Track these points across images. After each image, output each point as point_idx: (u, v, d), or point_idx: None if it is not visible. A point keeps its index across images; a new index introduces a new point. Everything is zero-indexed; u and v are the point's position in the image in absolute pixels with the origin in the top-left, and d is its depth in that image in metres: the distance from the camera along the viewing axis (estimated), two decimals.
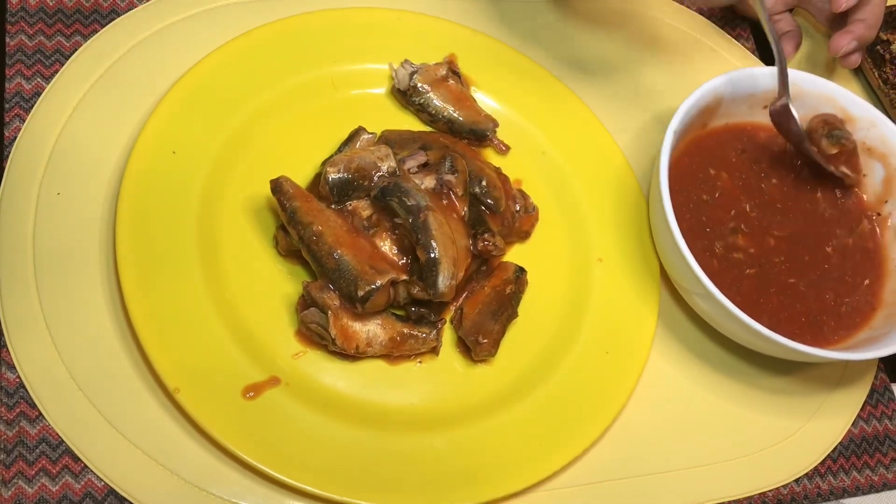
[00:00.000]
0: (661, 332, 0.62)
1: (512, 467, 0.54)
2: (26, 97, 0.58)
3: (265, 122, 0.60)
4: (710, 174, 0.64)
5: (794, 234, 0.64)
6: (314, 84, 0.63)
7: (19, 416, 0.50)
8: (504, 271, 0.58)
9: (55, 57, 0.60)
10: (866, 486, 0.62)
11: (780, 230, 0.64)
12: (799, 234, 0.64)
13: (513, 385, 0.57)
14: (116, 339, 0.53)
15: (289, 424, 0.52)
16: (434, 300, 0.53)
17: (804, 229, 0.64)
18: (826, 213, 0.66)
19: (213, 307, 0.54)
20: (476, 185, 0.59)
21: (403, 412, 0.55)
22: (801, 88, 0.65)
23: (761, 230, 0.63)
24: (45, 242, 0.54)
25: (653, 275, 0.62)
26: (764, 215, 0.64)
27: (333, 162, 0.56)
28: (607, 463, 0.57)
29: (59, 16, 0.61)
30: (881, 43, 0.77)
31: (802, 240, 0.64)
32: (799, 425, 0.62)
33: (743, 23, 0.78)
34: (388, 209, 0.55)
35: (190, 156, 0.57)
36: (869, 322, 0.62)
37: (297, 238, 0.54)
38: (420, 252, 0.53)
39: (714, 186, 0.64)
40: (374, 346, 0.54)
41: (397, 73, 0.63)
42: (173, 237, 0.55)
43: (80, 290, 0.54)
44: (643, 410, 0.59)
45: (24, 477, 0.49)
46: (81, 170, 0.57)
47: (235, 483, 0.51)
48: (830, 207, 0.66)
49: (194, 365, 0.51)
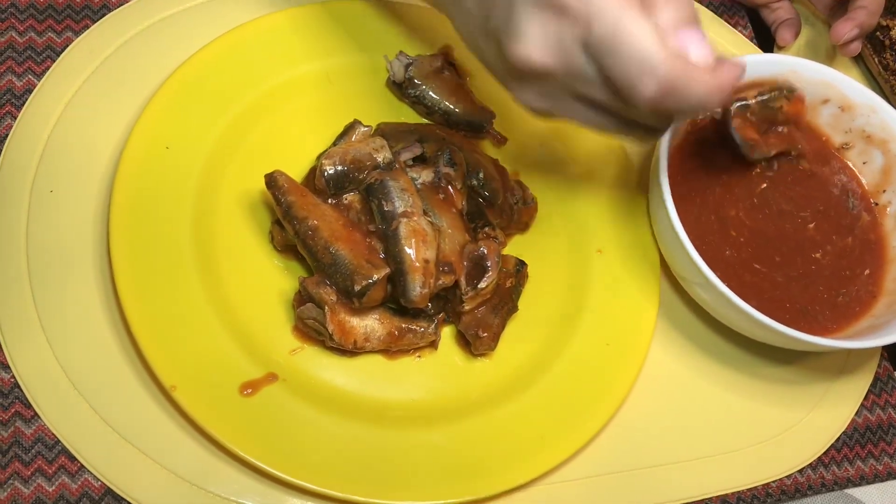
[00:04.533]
0: (662, 323, 0.62)
1: (513, 461, 0.53)
2: (17, 94, 0.57)
3: (260, 117, 0.60)
4: (711, 164, 0.64)
5: (789, 232, 0.63)
6: (309, 78, 0.62)
7: (14, 416, 0.50)
8: (504, 265, 0.58)
9: (46, 53, 0.59)
10: (871, 476, 0.62)
11: (776, 227, 0.63)
12: (797, 233, 0.63)
13: (513, 378, 0.57)
14: (112, 337, 0.52)
15: (287, 421, 0.51)
16: (409, 307, 0.53)
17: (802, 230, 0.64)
18: (825, 209, 0.65)
19: (209, 304, 0.53)
20: (474, 178, 0.59)
21: (402, 407, 0.55)
22: (801, 75, 0.65)
23: (756, 228, 0.63)
24: (38, 240, 0.54)
25: (653, 265, 0.62)
26: (759, 215, 0.63)
27: (329, 154, 0.55)
28: (609, 455, 0.57)
29: (50, 11, 0.61)
30: (881, 29, 0.77)
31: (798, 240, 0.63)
32: (802, 415, 0.62)
33: (740, 10, 0.78)
34: (371, 210, 0.55)
35: (184, 151, 0.57)
36: (870, 310, 0.62)
37: (292, 233, 0.54)
38: (389, 261, 0.53)
39: (715, 177, 0.64)
40: (372, 341, 0.54)
41: (392, 65, 0.63)
42: (168, 233, 0.54)
43: (75, 288, 0.53)
44: (644, 402, 0.59)
45: (21, 477, 0.49)
46: (74, 167, 0.56)
47: (234, 481, 0.51)
48: (830, 203, 0.65)
49: (191, 362, 0.51)
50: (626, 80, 0.42)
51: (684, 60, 0.42)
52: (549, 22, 0.42)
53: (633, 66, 0.41)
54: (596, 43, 0.42)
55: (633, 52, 0.41)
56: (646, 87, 0.41)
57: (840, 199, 0.66)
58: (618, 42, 0.41)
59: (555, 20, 0.42)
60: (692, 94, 0.42)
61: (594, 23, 0.41)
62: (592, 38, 0.42)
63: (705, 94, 0.42)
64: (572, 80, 0.44)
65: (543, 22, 0.43)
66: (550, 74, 0.44)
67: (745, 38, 0.76)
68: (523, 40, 0.43)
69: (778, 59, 0.65)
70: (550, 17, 0.42)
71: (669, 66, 0.41)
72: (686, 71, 0.41)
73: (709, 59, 0.43)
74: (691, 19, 0.43)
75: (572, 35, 0.42)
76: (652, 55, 0.41)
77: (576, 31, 0.42)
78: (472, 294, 0.55)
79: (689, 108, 0.43)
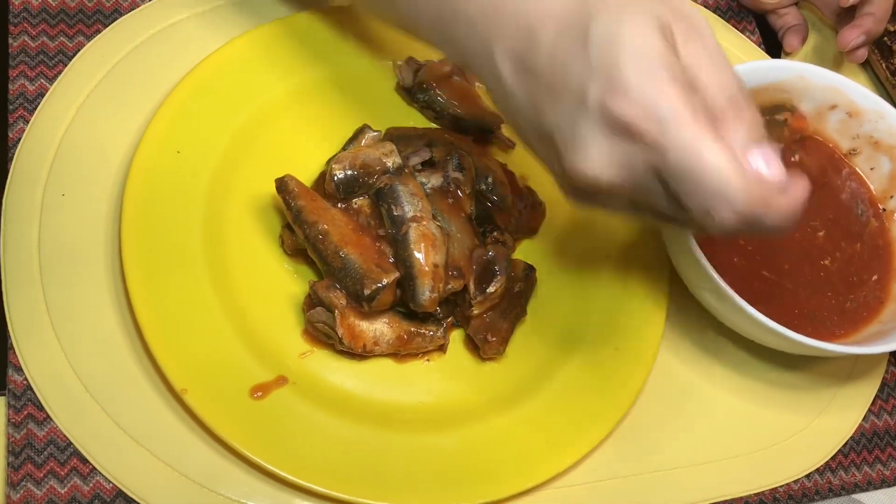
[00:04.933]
0: (670, 328, 0.62)
1: (521, 465, 0.54)
2: (30, 98, 0.58)
3: (270, 121, 0.60)
4: None
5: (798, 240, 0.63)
6: (318, 82, 0.62)
7: (27, 418, 0.50)
8: (513, 269, 0.58)
9: (58, 58, 0.59)
10: (878, 482, 0.62)
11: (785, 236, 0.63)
12: (806, 240, 0.64)
13: (521, 382, 0.57)
14: (123, 341, 0.53)
15: (297, 424, 0.52)
16: (418, 311, 0.53)
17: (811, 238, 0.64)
18: (834, 217, 0.65)
19: (220, 307, 0.53)
20: (482, 182, 0.59)
21: (411, 410, 0.55)
22: (808, 81, 0.65)
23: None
24: (50, 244, 0.54)
25: (661, 270, 0.62)
26: None
27: (339, 159, 0.56)
28: (616, 460, 0.57)
29: (62, 16, 0.61)
30: (888, 34, 0.77)
31: (807, 248, 0.63)
32: (809, 420, 0.62)
33: (748, 16, 0.78)
34: (380, 215, 0.55)
35: (195, 155, 0.57)
36: (878, 316, 0.62)
37: (302, 237, 0.54)
38: (398, 265, 0.53)
39: None
40: (382, 345, 0.54)
41: (401, 70, 0.63)
42: (179, 237, 0.54)
43: (87, 291, 0.53)
44: (652, 407, 0.59)
45: (33, 479, 0.49)
46: (86, 170, 0.56)
47: (244, 483, 0.51)
48: (840, 210, 0.66)
49: (201, 366, 0.51)
50: (701, 208, 0.40)
51: (761, 185, 0.40)
52: (619, 144, 0.40)
53: (711, 196, 0.39)
54: (670, 170, 0.39)
55: (710, 182, 0.39)
56: (723, 216, 0.40)
57: (849, 206, 0.66)
58: (695, 172, 0.39)
59: (626, 144, 0.40)
60: (770, 221, 0.40)
61: (669, 151, 0.39)
62: (667, 165, 0.39)
63: (782, 220, 0.41)
64: (635, 194, 0.43)
65: (613, 143, 0.40)
66: (614, 190, 0.42)
67: (753, 43, 0.76)
68: (589, 159, 0.41)
69: (785, 65, 0.65)
70: (622, 139, 0.40)
71: (748, 195, 0.39)
72: (764, 198, 0.39)
73: (782, 177, 0.41)
74: (761, 135, 0.41)
75: (644, 159, 0.40)
76: (731, 185, 0.39)
77: (648, 156, 0.40)
78: (481, 298, 0.55)
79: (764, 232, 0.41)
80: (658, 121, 0.39)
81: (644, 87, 0.39)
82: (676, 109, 0.39)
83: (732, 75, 0.41)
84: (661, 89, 0.39)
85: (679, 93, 0.39)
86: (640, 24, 0.39)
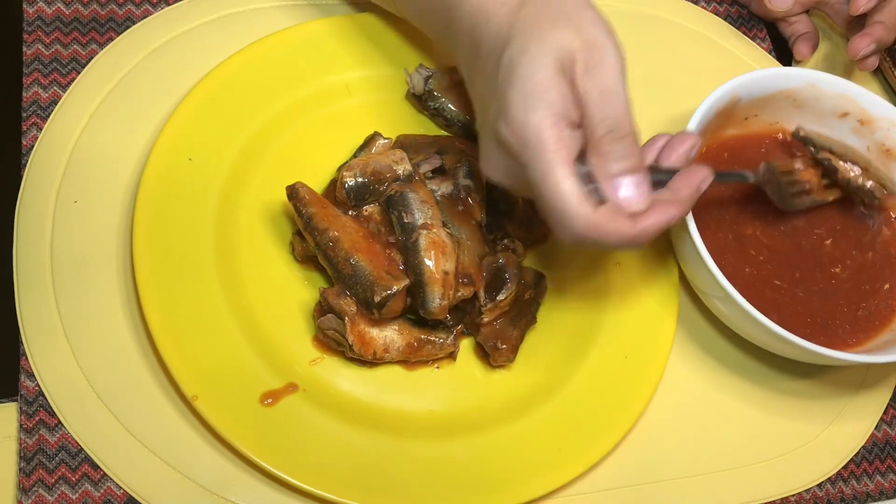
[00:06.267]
0: (681, 336, 0.62)
1: (531, 473, 0.54)
2: (43, 105, 0.58)
3: (281, 129, 0.60)
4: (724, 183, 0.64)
5: (807, 248, 0.63)
6: (329, 90, 0.63)
7: (39, 424, 0.50)
8: (523, 276, 0.58)
9: (72, 65, 0.60)
10: (890, 491, 0.61)
11: (794, 244, 0.63)
12: (815, 249, 0.63)
13: (531, 390, 0.57)
14: (134, 347, 0.53)
15: (307, 431, 0.52)
16: (428, 318, 0.53)
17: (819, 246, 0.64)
18: (842, 226, 0.65)
19: (231, 314, 0.54)
20: (492, 190, 0.59)
21: (421, 418, 0.55)
22: (820, 90, 0.65)
23: (774, 246, 0.63)
24: (62, 251, 0.54)
25: (671, 278, 0.62)
26: (775, 233, 0.63)
27: (350, 166, 0.56)
28: (626, 468, 0.57)
29: (75, 24, 0.61)
30: None
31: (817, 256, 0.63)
32: (821, 429, 0.62)
33: (759, 24, 0.78)
34: (391, 222, 0.55)
35: (206, 162, 0.57)
36: (890, 325, 0.62)
37: (313, 244, 0.54)
38: (408, 272, 0.53)
39: (728, 196, 0.63)
40: (392, 352, 0.54)
41: (412, 78, 0.63)
42: (190, 244, 0.55)
43: (98, 298, 0.54)
44: (662, 415, 0.59)
45: (45, 485, 0.49)
46: (98, 177, 0.57)
47: (254, 490, 0.51)
48: (848, 219, 0.65)
49: (212, 372, 0.51)
50: (549, 223, 0.47)
51: (605, 213, 0.45)
52: (504, 157, 0.48)
53: (553, 216, 0.46)
54: (531, 182, 0.46)
55: (553, 206, 0.45)
56: (562, 235, 0.46)
57: (860, 215, 0.66)
58: (543, 195, 0.45)
59: (508, 159, 0.47)
60: (607, 244, 0.46)
61: (527, 168, 0.45)
62: (528, 177, 0.46)
63: (620, 244, 0.46)
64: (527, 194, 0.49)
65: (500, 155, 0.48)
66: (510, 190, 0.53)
67: (764, 50, 0.76)
68: (485, 166, 0.51)
69: (796, 73, 0.65)
70: (505, 155, 0.47)
71: (582, 222, 0.45)
72: (601, 225, 0.45)
73: (640, 206, 0.46)
74: (634, 165, 0.46)
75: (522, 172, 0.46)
76: (567, 212, 0.45)
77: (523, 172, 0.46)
78: (491, 306, 0.55)
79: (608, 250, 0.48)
80: (524, 146, 0.45)
81: (519, 116, 0.45)
82: (541, 139, 0.44)
83: (620, 108, 0.46)
84: (532, 121, 0.44)
85: (550, 124, 0.44)
86: (536, 56, 0.45)
